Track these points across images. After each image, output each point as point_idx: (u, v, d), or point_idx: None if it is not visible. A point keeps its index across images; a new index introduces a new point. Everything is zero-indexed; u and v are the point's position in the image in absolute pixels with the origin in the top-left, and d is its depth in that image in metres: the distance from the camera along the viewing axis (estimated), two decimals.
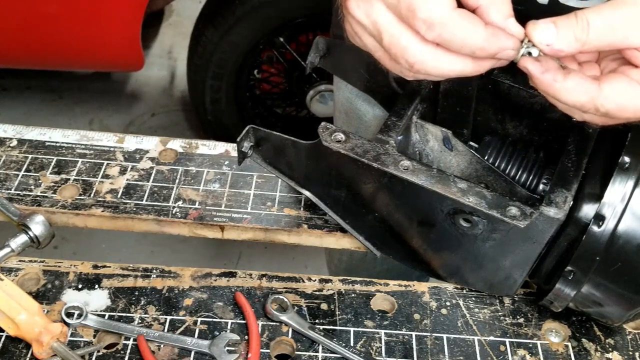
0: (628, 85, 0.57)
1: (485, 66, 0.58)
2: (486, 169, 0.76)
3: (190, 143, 1.00)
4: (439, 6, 0.54)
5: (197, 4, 2.68)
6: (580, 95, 0.57)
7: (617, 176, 0.67)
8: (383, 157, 0.71)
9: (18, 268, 0.82)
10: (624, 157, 0.67)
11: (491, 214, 0.67)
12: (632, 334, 0.80)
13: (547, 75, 0.56)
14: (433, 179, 0.70)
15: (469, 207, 0.68)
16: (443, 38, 0.55)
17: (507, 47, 0.56)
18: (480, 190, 0.69)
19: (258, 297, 0.81)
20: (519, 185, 0.75)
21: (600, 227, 0.67)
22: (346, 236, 0.88)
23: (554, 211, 0.67)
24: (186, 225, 0.89)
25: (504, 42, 0.56)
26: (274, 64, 2.29)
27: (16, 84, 2.72)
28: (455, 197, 0.68)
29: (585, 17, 0.55)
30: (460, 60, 0.57)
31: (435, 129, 0.78)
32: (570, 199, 0.68)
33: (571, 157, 0.71)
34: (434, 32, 0.55)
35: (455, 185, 0.69)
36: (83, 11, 1.99)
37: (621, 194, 0.67)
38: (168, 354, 0.75)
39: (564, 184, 0.69)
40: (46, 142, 0.97)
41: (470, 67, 0.58)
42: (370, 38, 0.61)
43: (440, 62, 0.57)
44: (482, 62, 0.58)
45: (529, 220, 0.66)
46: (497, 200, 0.68)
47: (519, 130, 0.82)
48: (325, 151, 0.73)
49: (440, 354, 0.77)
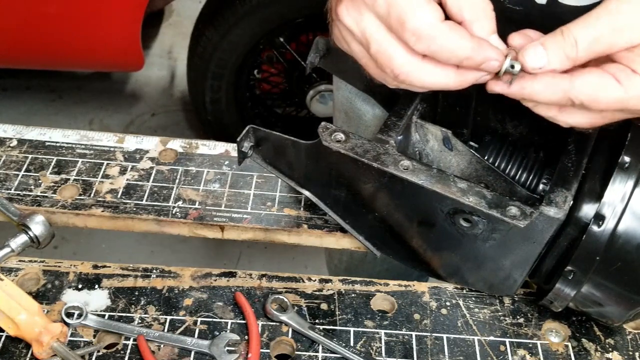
0: (599, 77, 0.58)
1: (468, 79, 0.60)
2: (486, 169, 0.76)
3: (190, 143, 1.00)
4: (428, 18, 0.55)
5: (197, 4, 2.68)
6: (553, 92, 0.58)
7: (617, 176, 0.67)
8: (383, 156, 0.71)
9: (18, 268, 0.82)
10: (623, 157, 0.67)
11: (491, 213, 0.67)
12: (632, 334, 0.80)
13: (515, 87, 0.58)
14: (433, 178, 0.70)
15: (468, 207, 0.68)
16: (431, 50, 0.56)
17: (492, 57, 0.57)
18: (480, 190, 0.69)
19: (258, 297, 0.81)
20: (518, 185, 0.75)
21: (600, 226, 0.67)
22: (346, 236, 0.88)
23: (554, 211, 0.67)
24: (186, 225, 0.89)
25: (489, 52, 0.57)
26: (274, 64, 2.29)
27: (16, 84, 2.72)
28: (455, 197, 0.68)
29: (571, 34, 0.56)
30: (445, 73, 0.59)
31: (435, 128, 0.78)
32: (570, 199, 0.68)
33: (571, 157, 0.71)
34: (423, 43, 0.56)
35: (455, 185, 0.69)
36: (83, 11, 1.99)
37: (621, 194, 0.67)
38: (168, 354, 0.75)
39: (563, 184, 0.69)
40: (46, 142, 0.97)
41: (453, 80, 0.59)
42: (357, 45, 0.62)
43: (424, 75, 0.59)
44: (466, 75, 0.59)
45: (529, 220, 0.66)
46: (497, 200, 0.68)
47: (518, 130, 0.82)
48: (325, 151, 0.73)
49: (440, 354, 0.77)
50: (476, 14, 0.58)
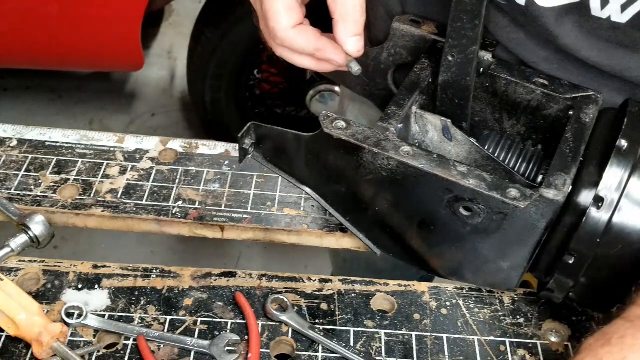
0: None
1: (325, 66, 0.75)
2: (485, 159, 0.76)
3: (190, 143, 1.00)
4: (280, 24, 0.70)
5: (197, 4, 2.68)
6: None
7: (614, 159, 0.68)
8: (384, 142, 0.72)
9: (18, 268, 0.82)
10: (621, 141, 0.68)
11: (492, 195, 0.67)
12: None
13: None
14: (433, 162, 0.70)
15: (469, 190, 0.68)
16: (285, 44, 0.72)
17: (331, 59, 0.73)
18: (480, 174, 0.69)
19: (258, 297, 0.81)
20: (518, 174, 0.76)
21: (599, 209, 0.68)
22: (346, 236, 0.88)
23: (554, 193, 0.67)
24: (186, 225, 0.89)
25: (329, 55, 0.73)
26: (274, 64, 2.29)
27: (16, 84, 2.72)
28: (455, 180, 0.68)
29: None
30: (301, 58, 0.75)
31: (435, 118, 0.78)
32: (569, 182, 0.68)
33: (569, 144, 0.72)
34: (278, 40, 0.72)
35: (456, 168, 0.69)
36: (83, 11, 1.99)
37: (619, 177, 0.68)
38: (168, 354, 0.75)
39: (562, 169, 0.69)
40: (46, 142, 0.97)
41: (310, 64, 0.75)
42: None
43: (290, 56, 0.75)
44: (321, 63, 0.75)
45: (529, 201, 0.67)
46: (498, 182, 0.69)
47: (516, 129, 0.82)
48: (327, 142, 0.73)
49: (440, 354, 0.77)
50: (343, 16, 0.70)
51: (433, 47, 0.81)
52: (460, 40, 0.73)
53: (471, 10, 0.70)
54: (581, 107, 0.75)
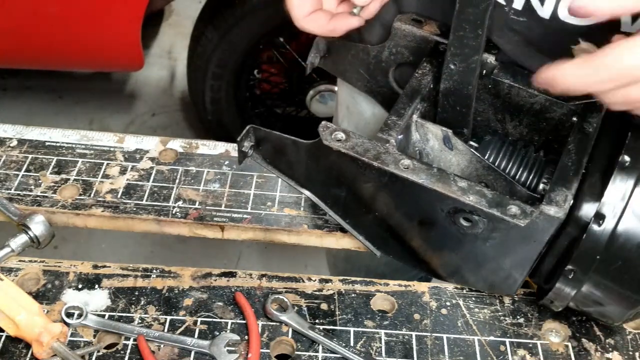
0: None
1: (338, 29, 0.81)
2: (486, 168, 0.76)
3: (190, 143, 1.00)
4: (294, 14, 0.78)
5: (197, 4, 2.68)
6: None
7: (617, 175, 0.67)
8: (383, 156, 0.71)
9: (18, 268, 0.82)
10: (624, 156, 0.67)
11: (491, 212, 0.67)
12: (632, 334, 0.80)
13: None
14: (433, 177, 0.70)
15: (469, 205, 0.68)
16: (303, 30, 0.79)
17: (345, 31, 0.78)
18: (480, 189, 0.69)
19: (258, 297, 0.81)
20: (519, 184, 0.75)
21: (600, 225, 0.67)
22: (346, 236, 0.88)
23: (554, 210, 0.67)
24: (186, 225, 0.89)
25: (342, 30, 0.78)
26: (274, 64, 2.29)
27: (16, 84, 2.72)
28: (455, 196, 0.68)
29: None
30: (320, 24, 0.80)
31: (436, 128, 0.78)
32: (570, 198, 0.68)
33: (571, 156, 0.71)
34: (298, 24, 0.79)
35: (456, 184, 0.69)
36: (83, 11, 1.99)
37: (621, 193, 0.67)
38: (168, 354, 0.75)
39: (564, 183, 0.69)
40: (46, 142, 0.97)
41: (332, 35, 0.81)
42: None
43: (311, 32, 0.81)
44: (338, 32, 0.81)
45: (529, 219, 0.66)
46: (498, 199, 0.68)
47: (519, 131, 0.82)
48: (326, 150, 0.73)
49: (440, 354, 0.77)
50: None
51: (435, 49, 0.81)
52: (463, 49, 0.73)
53: (474, 20, 0.70)
54: (584, 116, 0.74)
